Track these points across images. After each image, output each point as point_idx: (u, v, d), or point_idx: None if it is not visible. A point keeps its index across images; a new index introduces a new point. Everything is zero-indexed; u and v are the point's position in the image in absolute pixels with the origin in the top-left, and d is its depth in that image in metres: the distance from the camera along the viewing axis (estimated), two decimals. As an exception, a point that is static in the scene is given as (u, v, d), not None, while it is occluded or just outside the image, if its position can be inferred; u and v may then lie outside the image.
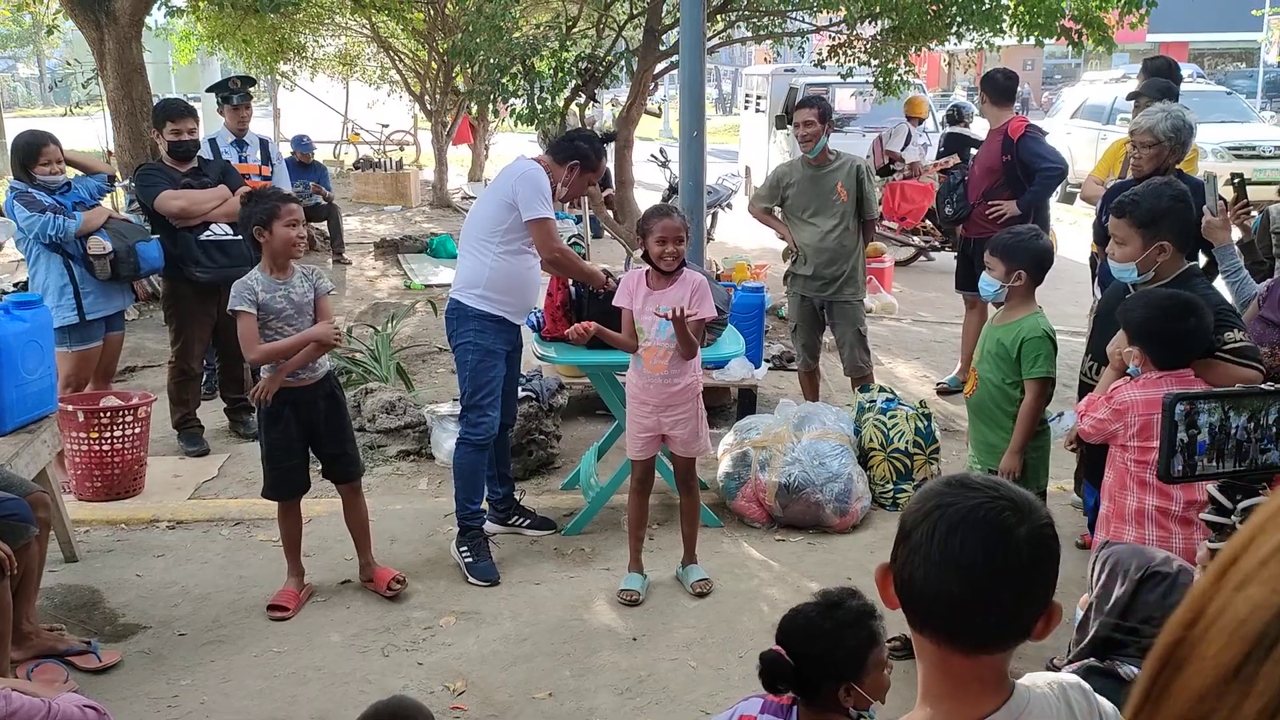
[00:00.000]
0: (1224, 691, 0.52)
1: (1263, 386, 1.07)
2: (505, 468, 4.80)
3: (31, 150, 5.01)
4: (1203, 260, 4.31)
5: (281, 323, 3.89)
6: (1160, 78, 5.78)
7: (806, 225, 5.62)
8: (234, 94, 6.52)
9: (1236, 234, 4.14)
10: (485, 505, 4.57)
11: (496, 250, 4.34)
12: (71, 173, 5.30)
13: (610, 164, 9.74)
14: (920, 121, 10.95)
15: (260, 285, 3.85)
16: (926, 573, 1.27)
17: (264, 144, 6.75)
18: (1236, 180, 4.23)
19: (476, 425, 4.38)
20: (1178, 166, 4.55)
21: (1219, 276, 3.99)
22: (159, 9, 8.88)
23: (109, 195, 5.44)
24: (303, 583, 4.13)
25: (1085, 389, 3.50)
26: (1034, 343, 3.57)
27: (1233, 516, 1.11)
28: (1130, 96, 6.09)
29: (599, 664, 3.68)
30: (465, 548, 4.36)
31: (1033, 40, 8.01)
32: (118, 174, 5.59)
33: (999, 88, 6.20)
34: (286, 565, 4.12)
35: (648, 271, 4.06)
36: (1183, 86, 6.27)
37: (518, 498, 4.84)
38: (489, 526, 4.70)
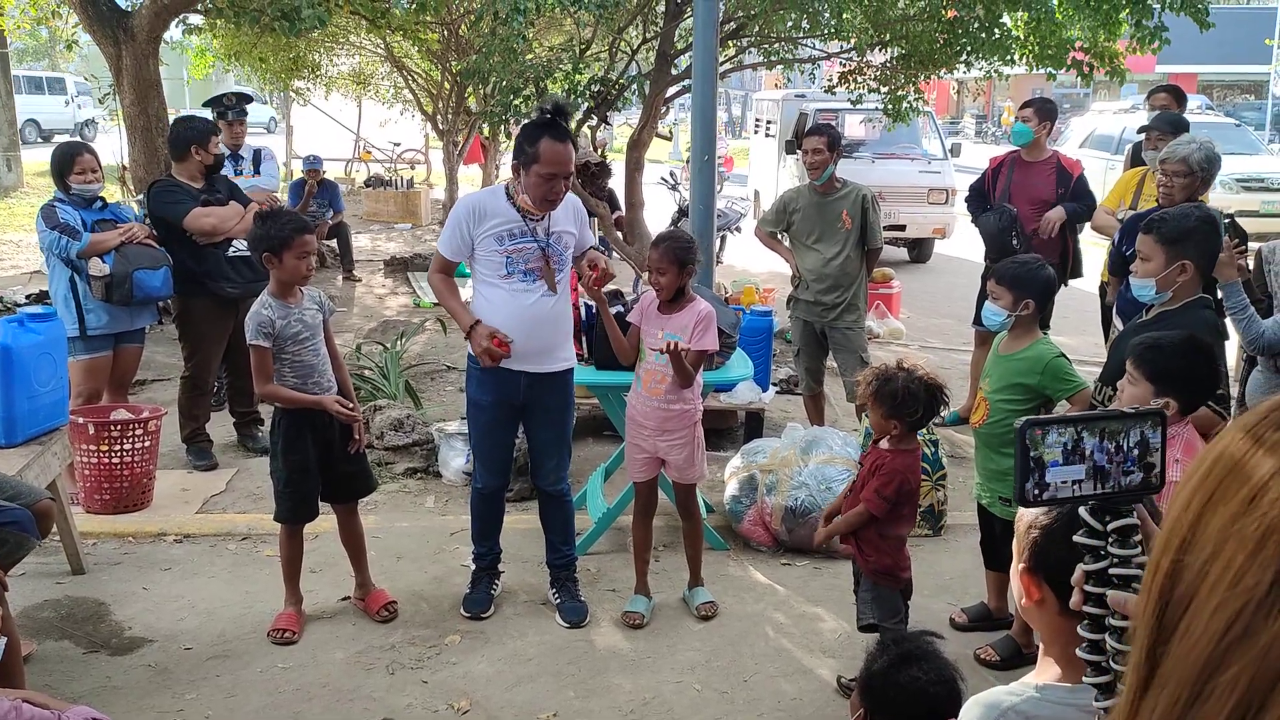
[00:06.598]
0: (1256, 611, 0.51)
1: (1123, 409, 1.11)
2: (554, 535, 4.28)
3: (67, 159, 5.13)
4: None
5: (299, 346, 3.89)
6: (1171, 112, 5.84)
7: (810, 251, 5.65)
8: (229, 110, 6.55)
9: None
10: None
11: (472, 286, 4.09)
12: (114, 193, 5.36)
13: (619, 186, 9.81)
14: None
15: (276, 314, 3.85)
16: None
17: (256, 153, 6.79)
18: (1228, 220, 4.27)
19: (477, 475, 4.22)
20: None
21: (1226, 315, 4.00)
22: (176, 26, 8.94)
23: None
24: (301, 609, 4.08)
25: None
26: (1057, 364, 3.67)
27: (1107, 539, 1.15)
28: (1142, 129, 6.12)
29: (603, 685, 3.68)
30: (470, 581, 4.26)
31: (1043, 71, 8.04)
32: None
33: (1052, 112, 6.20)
34: (285, 592, 4.07)
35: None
36: (1192, 119, 6.29)
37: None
38: None
